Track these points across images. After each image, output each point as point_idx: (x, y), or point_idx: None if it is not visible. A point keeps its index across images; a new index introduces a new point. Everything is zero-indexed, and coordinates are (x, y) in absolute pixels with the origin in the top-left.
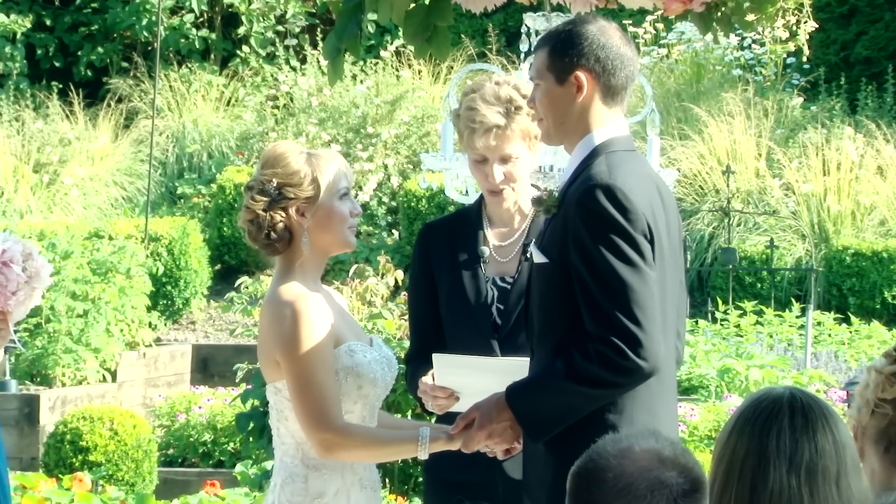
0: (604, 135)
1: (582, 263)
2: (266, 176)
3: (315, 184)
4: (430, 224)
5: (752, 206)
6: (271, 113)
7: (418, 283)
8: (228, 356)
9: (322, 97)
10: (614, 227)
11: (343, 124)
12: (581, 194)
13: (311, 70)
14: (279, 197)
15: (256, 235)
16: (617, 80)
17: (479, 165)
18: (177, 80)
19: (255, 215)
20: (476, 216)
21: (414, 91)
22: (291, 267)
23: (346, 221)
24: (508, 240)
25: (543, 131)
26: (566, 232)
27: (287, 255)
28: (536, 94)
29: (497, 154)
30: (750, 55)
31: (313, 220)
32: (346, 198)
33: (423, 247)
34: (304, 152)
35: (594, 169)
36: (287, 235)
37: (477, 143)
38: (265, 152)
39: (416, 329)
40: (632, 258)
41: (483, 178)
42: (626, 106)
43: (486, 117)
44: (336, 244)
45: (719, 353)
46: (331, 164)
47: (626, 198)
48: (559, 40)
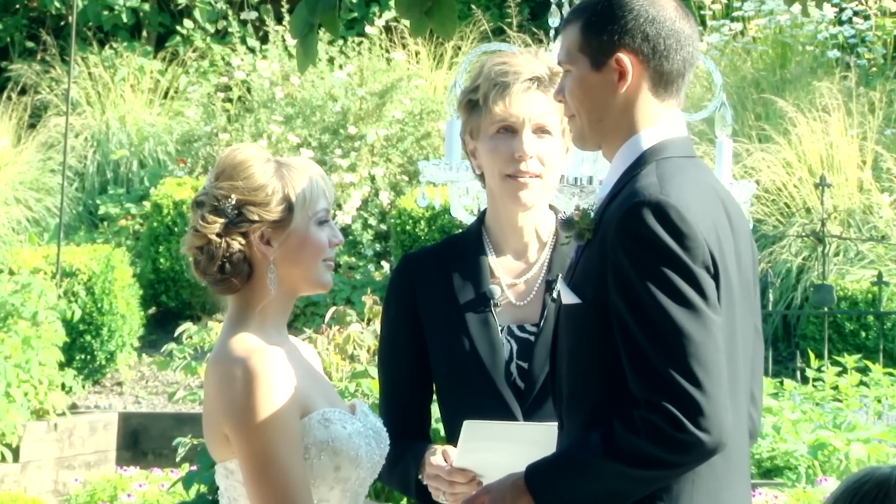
0: (654, 136)
1: (625, 305)
2: (222, 189)
3: (286, 203)
4: (413, 256)
5: (855, 231)
6: (222, 108)
7: (397, 337)
8: (166, 428)
9: (289, 87)
10: (667, 256)
11: (317, 123)
12: (624, 214)
13: (275, 52)
14: (238, 218)
15: (206, 267)
16: (671, 64)
17: (501, 142)
18: (98, 66)
19: (206, 241)
20: (476, 242)
21: (409, 79)
22: (249, 311)
23: (322, 253)
24: (525, 275)
25: (575, 132)
26: (604, 264)
27: (245, 295)
28: (566, 83)
29: (532, 119)
30: (850, 32)
31: (281, 251)
32: (326, 223)
33: (405, 287)
34: (272, 161)
35: (641, 181)
36: (246, 269)
37: (508, 102)
38: (222, 159)
39: (393, 400)
40: (690, 298)
41: (506, 158)
42: (684, 98)
43: (523, 67)
44: (306, 282)
45: (811, 424)
46: (307, 177)
47: (683, 219)
48: (596, 12)
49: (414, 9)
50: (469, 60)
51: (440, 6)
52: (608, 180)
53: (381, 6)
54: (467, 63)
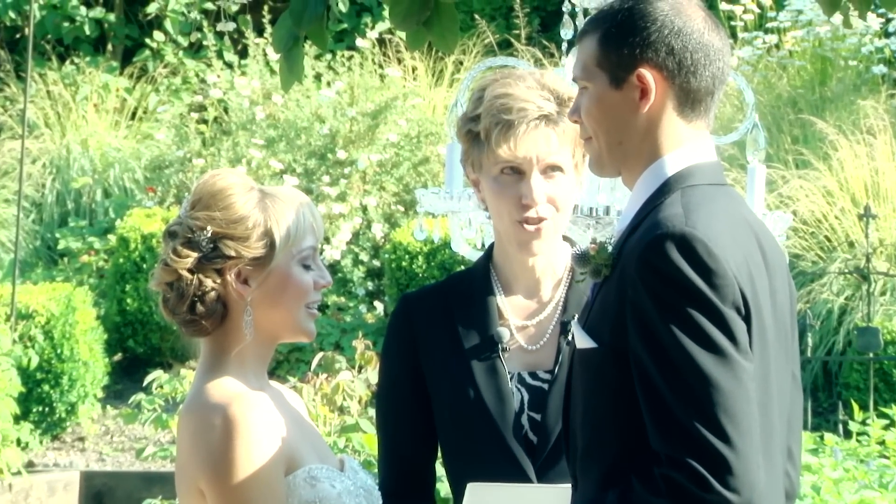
0: (680, 161)
1: (645, 349)
2: (198, 220)
3: (268, 238)
4: (412, 296)
5: None
6: (196, 130)
7: (396, 386)
8: (133, 489)
9: (271, 107)
10: (692, 295)
11: (302, 147)
12: (645, 248)
13: (255, 67)
14: (214, 253)
15: (176, 307)
16: (699, 80)
17: (505, 184)
18: (57, 83)
19: (177, 276)
20: (483, 280)
21: (406, 98)
22: (224, 356)
23: (305, 297)
24: (537, 316)
25: (592, 156)
26: (623, 303)
27: (218, 339)
28: (582, 102)
29: (540, 161)
30: None
31: (260, 291)
32: (312, 262)
33: (404, 330)
34: (255, 190)
35: (665, 211)
36: (220, 309)
37: (512, 145)
38: (200, 185)
39: (393, 456)
40: (718, 342)
41: (513, 203)
42: (713, 119)
43: (529, 103)
44: (287, 329)
45: (855, 483)
46: (293, 210)
47: (711, 253)
48: (615, 23)
49: (410, 19)
50: (472, 77)
51: (440, 16)
52: (628, 210)
53: (374, 17)
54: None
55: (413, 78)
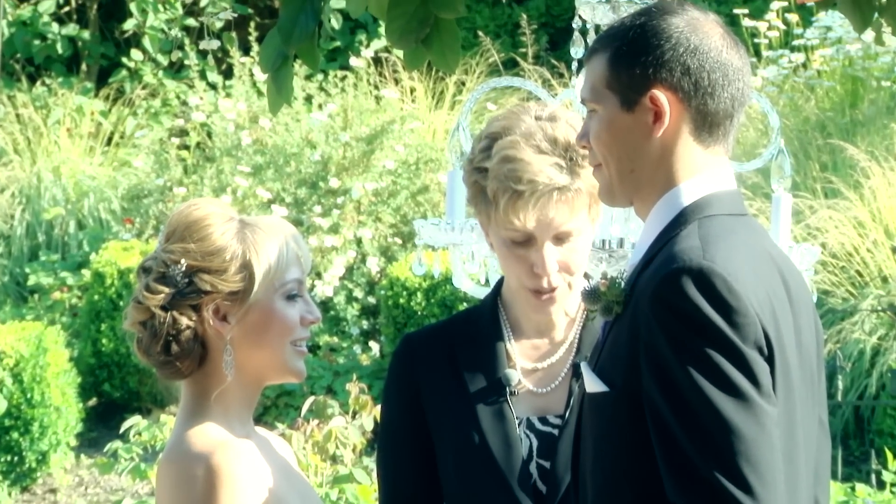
0: (697, 190)
1: (660, 393)
2: (172, 254)
3: (247, 271)
4: (415, 337)
5: None
6: (178, 156)
7: (398, 432)
8: None
9: (258, 131)
10: (711, 335)
11: (291, 174)
12: (659, 284)
13: (241, 89)
14: (189, 288)
15: (150, 347)
16: (717, 102)
17: (516, 250)
18: (28, 106)
19: (150, 315)
20: (490, 320)
21: (403, 122)
22: (206, 400)
23: (292, 333)
24: (548, 358)
25: (602, 185)
26: (636, 343)
27: (199, 381)
28: (591, 126)
29: (552, 231)
30: None
31: (240, 329)
32: (298, 296)
33: (406, 372)
34: (235, 220)
35: (681, 243)
36: (197, 349)
37: (523, 217)
38: (175, 216)
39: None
40: (739, 385)
41: (524, 270)
42: (733, 144)
43: (540, 174)
44: (272, 369)
45: None
46: (275, 240)
47: (731, 289)
48: (626, 41)
49: (408, 36)
50: (475, 99)
51: (440, 33)
52: (641, 243)
53: (369, 34)
54: (473, 102)
55: (411, 100)
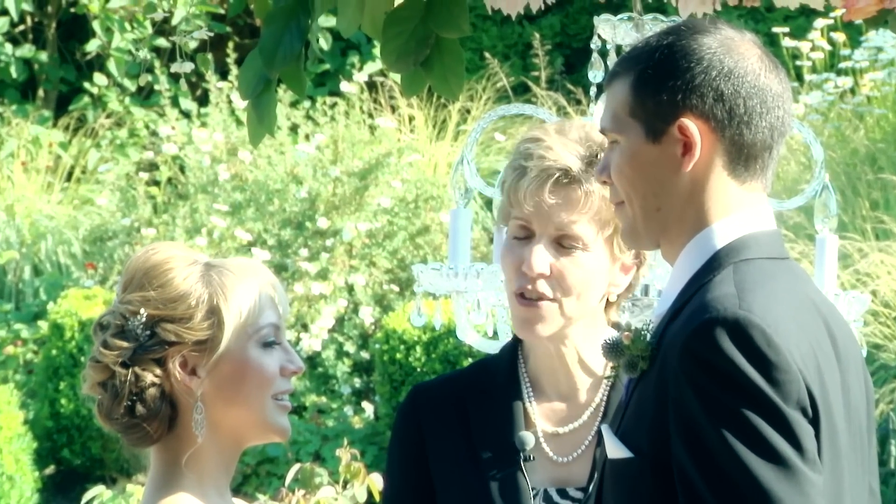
0: (731, 230)
1: (691, 461)
2: (130, 304)
3: (215, 317)
4: (423, 389)
5: None
6: (146, 194)
7: (401, 494)
8: None
9: (237, 165)
10: (748, 394)
11: (275, 214)
12: (690, 336)
13: (218, 117)
14: (151, 340)
15: (112, 410)
16: (754, 132)
17: (514, 249)
18: None
19: (110, 374)
20: (507, 374)
21: (401, 154)
22: (175, 465)
23: (269, 386)
24: (571, 423)
25: (625, 224)
26: (664, 404)
27: (169, 446)
28: (612, 159)
29: (552, 224)
30: None
31: (212, 382)
32: (276, 343)
33: (411, 430)
34: (199, 263)
35: (714, 291)
36: (166, 409)
37: (522, 196)
38: (131, 263)
39: None
40: (779, 451)
41: (512, 269)
42: (772, 179)
43: (550, 153)
44: (252, 427)
45: None
46: (245, 281)
47: (770, 342)
48: (652, 63)
49: (406, 59)
50: (481, 129)
51: (442, 55)
52: (669, 290)
53: (363, 56)
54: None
55: (410, 130)
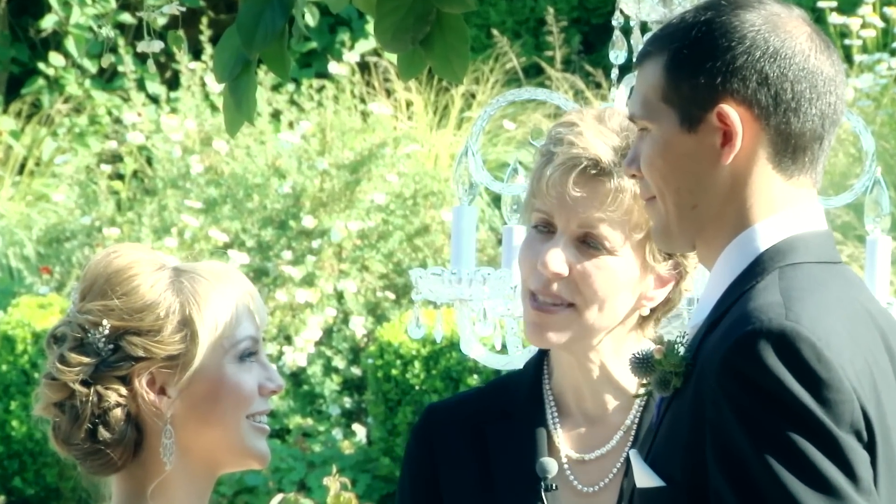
0: (777, 231)
1: (731, 490)
2: (90, 314)
3: (188, 329)
4: (438, 409)
5: None
6: (109, 189)
7: None
8: None
9: (212, 156)
10: (795, 416)
11: (254, 211)
12: (729, 351)
13: (190, 103)
14: (115, 356)
15: (70, 434)
16: (803, 121)
17: (534, 244)
18: None
19: (68, 393)
20: (531, 393)
21: (397, 144)
22: (141, 497)
23: (248, 405)
24: (599, 449)
25: (657, 223)
26: (700, 426)
27: (134, 475)
28: (642, 149)
29: (575, 220)
30: None
31: (183, 403)
32: (254, 358)
33: (423, 454)
34: (166, 268)
35: (757, 299)
36: (131, 433)
37: (546, 186)
38: (90, 268)
39: None
40: (830, 480)
41: (528, 266)
42: (822, 174)
43: (580, 139)
44: (228, 451)
45: None
46: (220, 289)
47: (820, 357)
48: (688, 42)
49: (403, 37)
50: (488, 116)
51: (444, 33)
52: (707, 298)
53: (354, 33)
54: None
55: (407, 116)
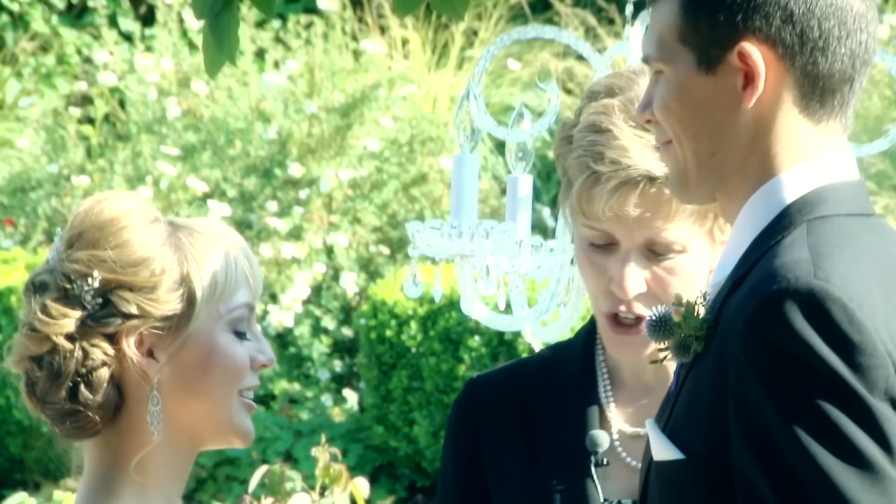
0: (804, 181)
1: (756, 463)
2: (78, 263)
3: (185, 289)
4: (482, 382)
5: None
6: (78, 134)
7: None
8: None
9: (190, 99)
10: (825, 382)
11: (236, 159)
12: (754, 313)
13: (166, 41)
14: (103, 311)
15: (48, 392)
16: (831, 61)
17: (594, 255)
18: None
19: (50, 347)
20: (582, 363)
21: (392, 86)
22: (118, 469)
23: (238, 379)
24: None
25: (674, 172)
26: (723, 395)
27: (110, 442)
28: (657, 93)
29: (639, 236)
30: None
31: (172, 369)
32: (248, 328)
33: (466, 430)
34: (162, 222)
35: (783, 256)
36: (113, 396)
37: (598, 207)
38: (79, 215)
39: None
40: (863, 451)
41: (600, 286)
42: (853, 119)
43: (626, 157)
44: (213, 427)
45: None
46: (220, 248)
47: (852, 319)
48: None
49: None
50: (491, 56)
51: None
52: (728, 255)
53: None
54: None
55: (403, 56)
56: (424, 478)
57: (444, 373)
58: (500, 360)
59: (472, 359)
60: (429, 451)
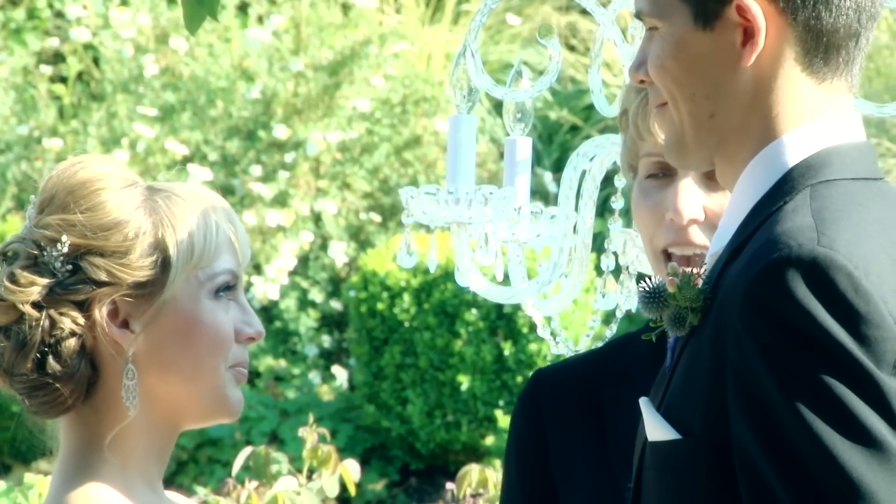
0: (808, 143)
1: (756, 442)
2: (48, 229)
3: (160, 254)
4: (548, 374)
5: None
6: (50, 93)
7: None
8: None
9: (168, 56)
10: (829, 355)
11: (217, 120)
12: (753, 282)
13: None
14: (73, 277)
15: (15, 363)
16: (835, 15)
17: (651, 195)
18: None
19: (16, 317)
20: (657, 353)
21: (384, 42)
22: (94, 448)
23: (223, 349)
24: None
25: (669, 134)
26: (721, 370)
27: (85, 420)
28: (652, 50)
29: None
30: None
31: (148, 340)
32: (231, 296)
33: (531, 424)
34: (138, 185)
35: (785, 222)
36: (84, 369)
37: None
38: (51, 179)
39: None
40: (869, 429)
41: (652, 220)
42: (859, 77)
43: None
44: (197, 401)
45: None
46: (198, 213)
47: (858, 288)
48: None
49: None
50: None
51: None
52: (727, 222)
53: None
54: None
55: (396, 10)
56: (418, 460)
57: (438, 348)
58: (498, 334)
59: (468, 333)
60: (422, 431)
